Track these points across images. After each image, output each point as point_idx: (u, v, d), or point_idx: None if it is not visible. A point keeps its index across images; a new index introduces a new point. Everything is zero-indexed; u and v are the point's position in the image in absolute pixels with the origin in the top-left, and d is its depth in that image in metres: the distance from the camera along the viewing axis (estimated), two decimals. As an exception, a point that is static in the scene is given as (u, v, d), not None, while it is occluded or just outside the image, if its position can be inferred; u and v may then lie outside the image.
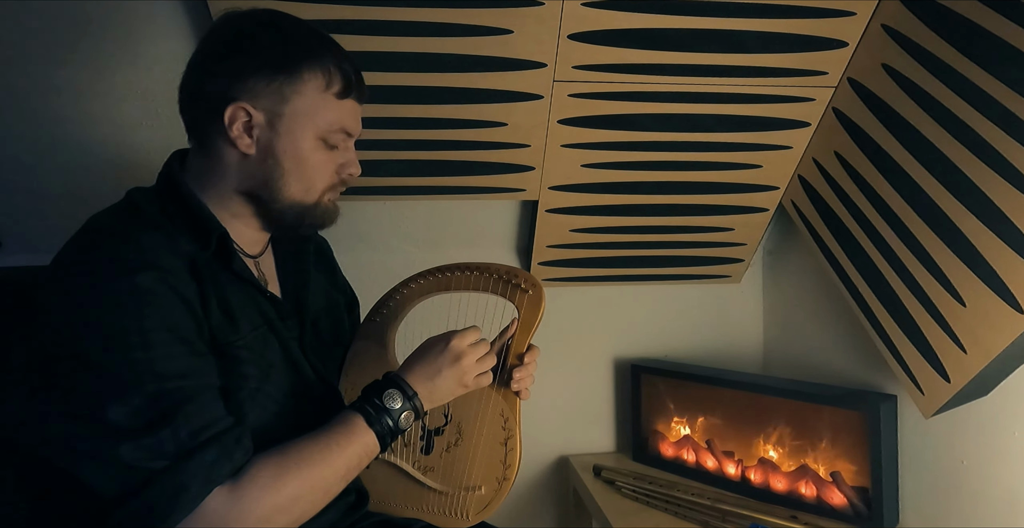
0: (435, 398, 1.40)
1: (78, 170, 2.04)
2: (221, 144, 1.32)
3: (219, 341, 1.25)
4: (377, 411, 1.32)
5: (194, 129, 1.36)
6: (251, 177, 1.33)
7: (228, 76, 1.28)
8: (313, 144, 1.33)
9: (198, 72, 1.33)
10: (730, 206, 2.40)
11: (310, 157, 1.33)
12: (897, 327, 1.92)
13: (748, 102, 2.07)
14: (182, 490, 1.11)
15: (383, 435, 1.31)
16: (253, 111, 1.28)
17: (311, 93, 1.31)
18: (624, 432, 2.75)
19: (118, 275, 1.15)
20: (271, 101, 1.29)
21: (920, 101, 1.77)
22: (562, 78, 1.95)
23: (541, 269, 2.54)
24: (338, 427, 1.29)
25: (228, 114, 1.28)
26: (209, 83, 1.30)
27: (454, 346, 1.41)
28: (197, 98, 1.33)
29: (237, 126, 1.29)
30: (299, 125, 1.31)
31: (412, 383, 1.37)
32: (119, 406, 1.11)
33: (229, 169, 1.33)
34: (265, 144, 1.31)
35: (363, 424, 1.30)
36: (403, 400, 1.35)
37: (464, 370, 1.41)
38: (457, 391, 1.43)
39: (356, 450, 1.28)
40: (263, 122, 1.30)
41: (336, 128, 1.35)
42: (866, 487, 2.03)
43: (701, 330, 2.79)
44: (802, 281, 2.57)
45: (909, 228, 1.84)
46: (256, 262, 1.45)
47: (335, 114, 1.34)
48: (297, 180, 1.34)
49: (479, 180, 2.22)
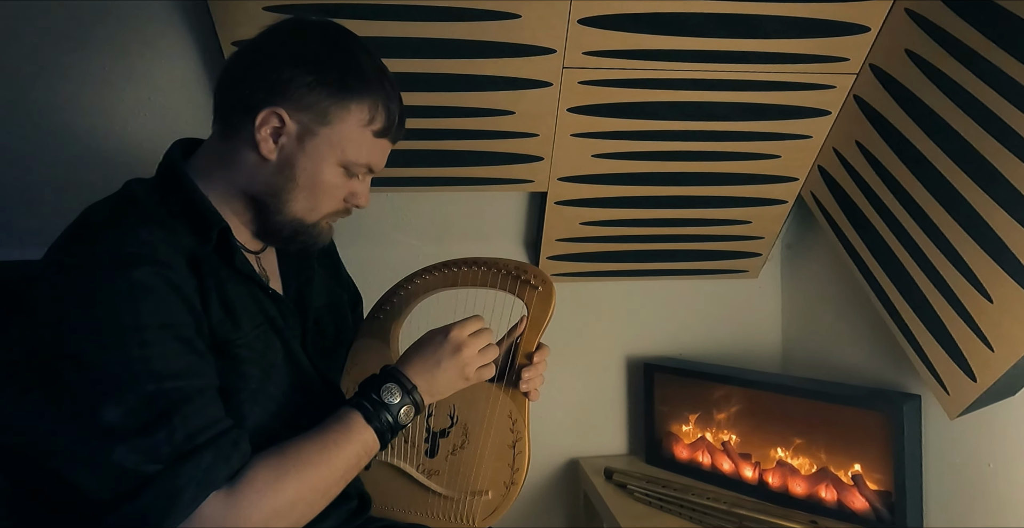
0: (436, 391, 1.40)
1: (72, 160, 2.05)
2: (243, 142, 1.32)
3: (219, 339, 1.26)
4: (375, 406, 1.32)
5: (221, 116, 1.36)
6: (262, 183, 1.34)
7: (278, 80, 1.29)
8: (334, 170, 1.35)
9: (249, 64, 1.34)
10: (747, 198, 2.40)
11: (326, 181, 1.35)
12: (921, 324, 1.92)
13: (766, 89, 2.06)
14: (177, 494, 1.11)
15: (382, 431, 1.32)
16: (288, 120, 1.29)
17: (352, 124, 1.33)
18: (636, 434, 2.76)
19: (114, 270, 1.15)
20: (310, 117, 1.30)
21: (945, 88, 1.77)
22: (572, 64, 1.95)
23: (550, 263, 2.54)
24: (335, 425, 1.30)
25: (262, 116, 1.29)
26: (256, 80, 1.31)
27: (454, 336, 1.41)
28: (237, 89, 1.33)
29: (266, 130, 1.30)
30: (328, 149, 1.33)
31: (411, 376, 1.37)
32: (113, 407, 1.11)
33: (242, 168, 1.34)
34: (287, 155, 1.32)
35: (361, 421, 1.30)
36: (402, 394, 1.35)
37: (465, 361, 1.41)
38: (458, 384, 1.43)
39: (355, 448, 1.29)
40: (293, 134, 1.31)
41: (362, 162, 1.37)
42: (889, 491, 2.03)
43: (717, 327, 2.79)
44: (822, 276, 2.57)
45: (934, 221, 1.84)
46: (258, 258, 1.45)
47: (366, 150, 1.36)
48: (306, 199, 1.35)
49: (485, 171, 2.22)
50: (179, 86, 1.98)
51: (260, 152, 1.31)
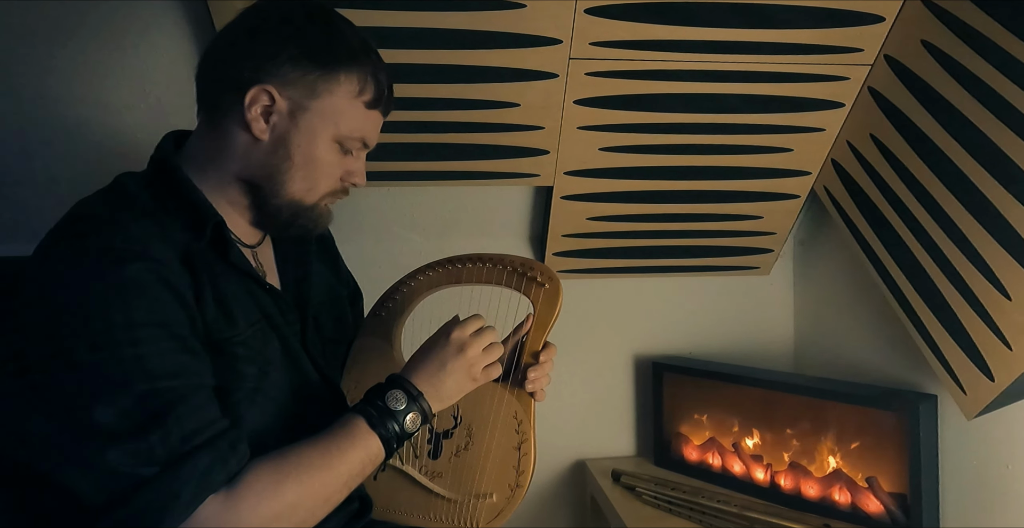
0: (444, 396, 1.40)
1: (63, 153, 2.05)
2: (233, 124, 1.32)
3: (214, 337, 1.25)
4: (380, 413, 1.32)
5: (207, 102, 1.36)
6: (257, 165, 1.34)
7: (263, 57, 1.30)
8: (328, 145, 1.35)
9: (230, 44, 1.34)
10: (759, 193, 2.40)
11: (322, 157, 1.35)
12: (937, 322, 1.93)
13: (778, 81, 2.06)
14: (173, 498, 1.11)
15: (388, 439, 1.31)
16: (278, 97, 1.30)
17: (342, 95, 1.34)
18: (645, 435, 2.76)
19: (105, 266, 1.15)
20: (300, 92, 1.31)
21: (962, 80, 1.77)
22: (578, 55, 1.95)
23: (556, 260, 2.55)
24: (339, 431, 1.30)
25: (251, 95, 1.29)
26: (240, 59, 1.31)
27: (455, 337, 1.42)
28: (222, 71, 1.33)
29: (256, 109, 1.30)
30: (321, 123, 1.33)
31: (416, 382, 1.38)
32: (106, 407, 1.11)
33: (235, 152, 1.34)
34: (280, 133, 1.32)
35: (365, 427, 1.30)
36: (408, 401, 1.35)
37: (470, 361, 1.41)
38: (467, 386, 1.43)
39: (359, 455, 1.28)
40: (284, 111, 1.31)
41: (356, 135, 1.37)
42: (904, 493, 2.03)
43: (727, 325, 2.79)
44: (835, 273, 2.57)
45: (950, 216, 1.84)
46: (254, 252, 1.45)
47: (359, 122, 1.37)
48: (303, 178, 1.36)
49: (490, 165, 2.22)
50: (176, 79, 1.97)
51: (252, 132, 1.31)
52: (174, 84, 1.98)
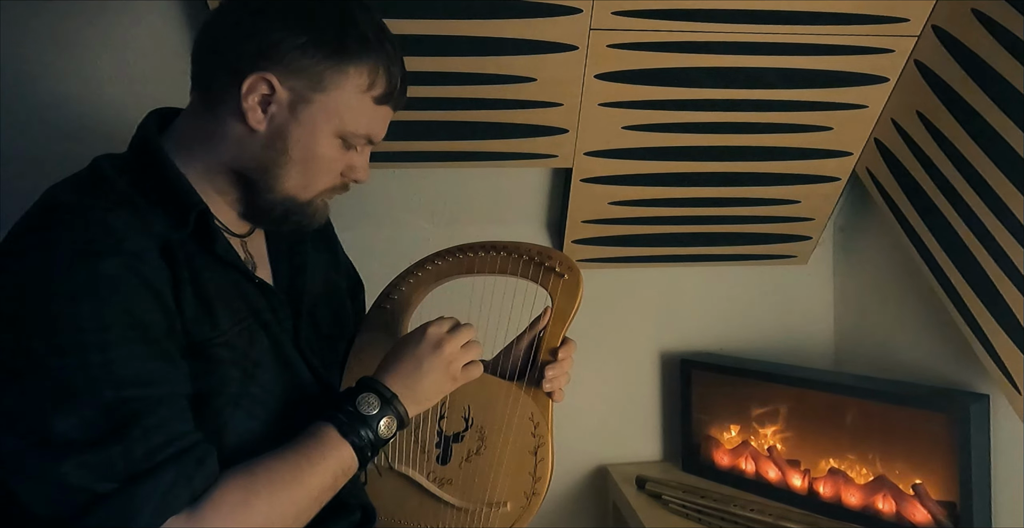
0: (421, 398, 1.41)
1: (36, 131, 2.05)
2: (227, 111, 1.31)
3: (193, 339, 1.25)
4: (351, 419, 1.32)
5: (201, 82, 1.35)
6: (250, 157, 1.34)
7: (266, 42, 1.28)
8: (330, 141, 1.35)
9: (232, 24, 1.32)
10: (796, 175, 2.40)
11: (322, 153, 1.35)
12: (990, 315, 1.92)
13: (816, 54, 2.06)
14: (131, 518, 1.11)
15: (361, 447, 1.32)
16: (279, 87, 1.29)
17: (350, 89, 1.32)
18: (672, 438, 2.77)
19: (76, 261, 1.14)
20: (304, 84, 1.30)
21: (1016, 52, 1.76)
22: (600, 26, 1.94)
23: (575, 248, 2.55)
24: (309, 441, 1.30)
25: (249, 82, 1.28)
26: (241, 41, 1.29)
27: (431, 334, 1.42)
28: (220, 52, 1.32)
29: (254, 97, 1.29)
30: (324, 119, 1.32)
31: (389, 384, 1.38)
32: (66, 416, 1.11)
33: (227, 141, 1.33)
34: (278, 126, 1.31)
35: (336, 435, 1.30)
36: (380, 405, 1.35)
37: (448, 358, 1.41)
38: (446, 386, 1.43)
39: (330, 466, 1.29)
40: (285, 102, 1.30)
41: (361, 132, 1.37)
42: (954, 501, 2.03)
43: (761, 319, 2.79)
44: (878, 262, 2.57)
45: (1003, 200, 1.83)
46: (243, 242, 1.45)
47: (366, 118, 1.36)
48: (300, 174, 1.35)
49: (504, 145, 2.22)
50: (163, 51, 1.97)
51: (247, 123, 1.30)
52: (159, 55, 1.98)
